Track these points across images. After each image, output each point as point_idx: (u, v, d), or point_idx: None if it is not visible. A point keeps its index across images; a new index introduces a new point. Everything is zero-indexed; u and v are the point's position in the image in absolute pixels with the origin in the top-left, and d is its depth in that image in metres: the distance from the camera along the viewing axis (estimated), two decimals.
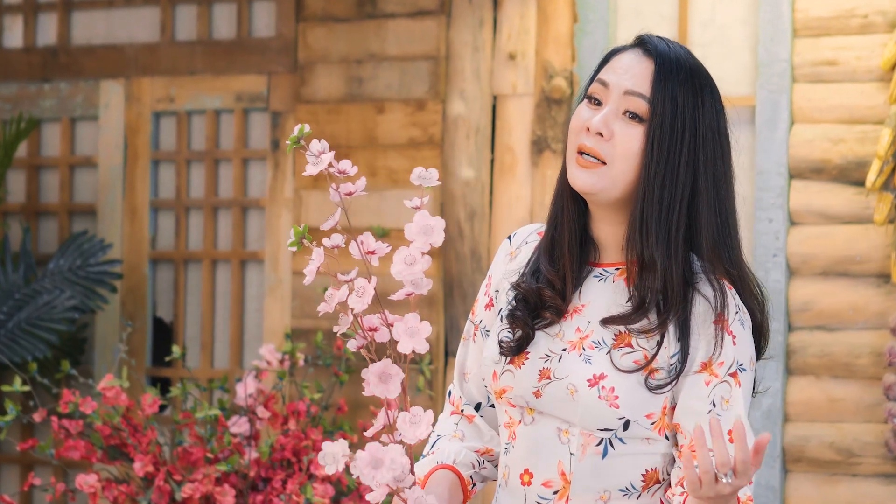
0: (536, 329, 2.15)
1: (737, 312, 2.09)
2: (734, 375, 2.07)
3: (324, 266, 1.92)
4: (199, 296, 5.16)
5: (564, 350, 2.12)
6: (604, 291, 2.16)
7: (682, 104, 2.08)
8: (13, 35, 5.42)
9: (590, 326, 2.13)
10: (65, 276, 4.92)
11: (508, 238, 2.31)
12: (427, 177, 1.96)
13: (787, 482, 4.43)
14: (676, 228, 2.09)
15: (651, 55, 2.11)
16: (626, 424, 2.08)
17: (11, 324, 4.80)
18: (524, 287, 2.18)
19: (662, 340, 2.09)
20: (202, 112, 5.15)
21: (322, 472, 3.83)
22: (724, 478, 1.88)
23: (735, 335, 2.08)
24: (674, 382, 2.06)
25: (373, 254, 1.95)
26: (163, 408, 4.96)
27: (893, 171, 4.24)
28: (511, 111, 4.71)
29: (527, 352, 2.14)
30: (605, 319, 2.11)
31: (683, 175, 2.08)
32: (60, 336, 4.82)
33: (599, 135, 2.09)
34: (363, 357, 2.04)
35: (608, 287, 2.16)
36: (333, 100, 4.90)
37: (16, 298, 4.89)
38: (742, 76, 4.54)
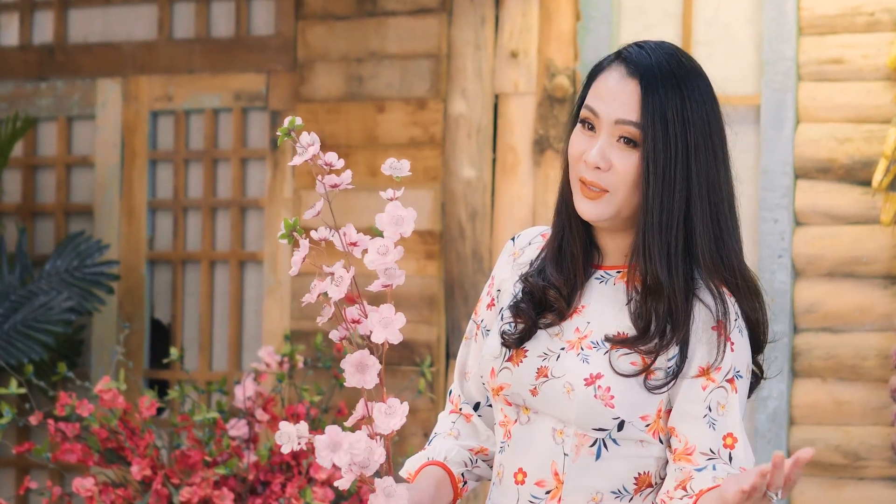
0: (538, 326, 2.19)
1: (735, 320, 2.12)
2: (731, 382, 2.10)
3: (311, 258, 1.97)
4: (198, 297, 5.16)
5: (563, 349, 2.16)
6: (605, 293, 2.19)
7: (672, 118, 2.10)
8: (9, 33, 5.41)
9: (589, 327, 2.16)
10: (61, 278, 4.92)
11: (512, 239, 2.34)
12: (398, 167, 2.02)
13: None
14: (675, 244, 2.11)
15: (635, 75, 2.12)
16: (621, 425, 2.10)
17: (7, 325, 4.79)
18: (531, 282, 2.22)
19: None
20: (200, 111, 5.14)
21: (322, 476, 3.84)
22: (774, 497, 1.91)
23: (734, 342, 2.11)
24: (671, 383, 2.10)
25: (355, 245, 2.00)
26: (160, 410, 4.95)
27: None
28: (513, 110, 4.70)
29: (525, 349, 2.18)
30: (609, 339, 2.13)
31: (678, 191, 2.11)
32: (57, 338, 4.81)
33: (598, 167, 2.13)
34: None
35: (609, 289, 2.19)
36: (333, 99, 4.89)
37: (11, 300, 4.88)
38: (747, 75, 4.53)
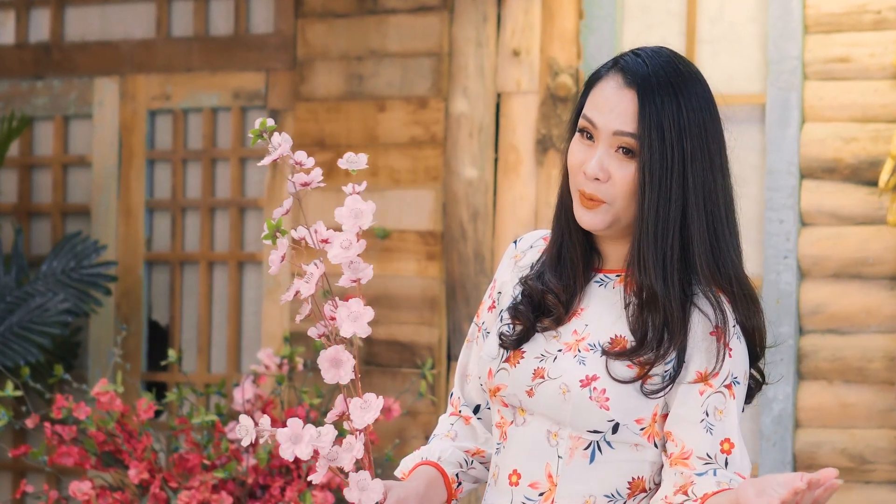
0: (536, 329, 2.22)
1: (734, 326, 2.15)
2: (729, 387, 2.13)
3: (291, 258, 2.04)
4: (196, 298, 5.16)
5: (560, 351, 2.18)
6: (604, 297, 2.22)
7: (669, 127, 2.12)
8: (5, 31, 5.41)
9: (587, 329, 2.19)
10: (58, 279, 4.91)
11: (514, 242, 2.37)
12: (355, 161, 2.06)
13: None
14: (671, 254, 2.14)
15: (632, 85, 2.14)
16: (616, 427, 2.13)
17: (3, 327, 4.80)
18: (530, 285, 2.25)
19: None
20: (199, 110, 5.13)
21: (321, 480, 3.85)
22: None
23: (732, 349, 2.14)
24: (668, 388, 2.12)
25: (326, 242, 2.05)
26: (158, 413, 4.96)
27: None
28: (515, 109, 4.69)
29: (523, 351, 2.21)
30: (606, 350, 2.15)
31: (674, 200, 2.13)
32: (53, 340, 4.80)
33: (597, 178, 2.16)
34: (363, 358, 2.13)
35: (608, 293, 2.22)
36: (333, 98, 4.88)
37: (7, 301, 4.88)
38: (752, 73, 4.53)
